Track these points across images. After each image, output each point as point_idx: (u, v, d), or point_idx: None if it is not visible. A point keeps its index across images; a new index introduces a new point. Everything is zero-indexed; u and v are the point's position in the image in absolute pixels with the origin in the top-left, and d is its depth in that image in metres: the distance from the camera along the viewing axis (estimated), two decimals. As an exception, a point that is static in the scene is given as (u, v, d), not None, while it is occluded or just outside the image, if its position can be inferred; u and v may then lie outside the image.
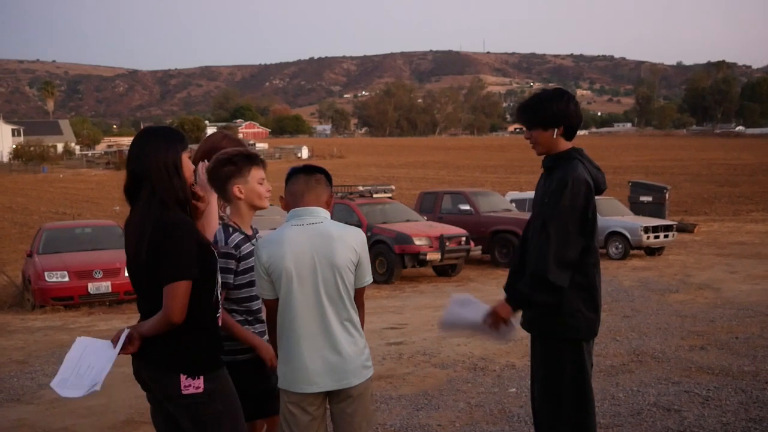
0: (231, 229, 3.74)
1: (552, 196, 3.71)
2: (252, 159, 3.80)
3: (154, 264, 3.06)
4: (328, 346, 3.36)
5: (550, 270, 3.61)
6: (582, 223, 3.69)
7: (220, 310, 3.30)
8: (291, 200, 3.49)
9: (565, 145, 3.84)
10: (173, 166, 3.16)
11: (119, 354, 3.11)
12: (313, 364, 3.35)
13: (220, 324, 3.31)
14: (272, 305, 3.44)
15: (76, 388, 3.07)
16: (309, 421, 3.40)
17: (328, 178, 3.57)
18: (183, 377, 3.08)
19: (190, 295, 3.05)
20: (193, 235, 3.10)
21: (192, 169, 3.35)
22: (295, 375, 3.38)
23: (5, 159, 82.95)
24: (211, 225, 3.70)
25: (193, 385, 3.08)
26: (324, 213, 3.46)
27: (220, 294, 3.33)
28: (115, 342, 3.10)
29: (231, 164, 3.76)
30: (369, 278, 3.50)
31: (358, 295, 3.50)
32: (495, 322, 3.76)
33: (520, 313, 3.86)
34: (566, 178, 3.68)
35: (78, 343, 3.18)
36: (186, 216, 3.15)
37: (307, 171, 3.52)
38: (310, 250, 3.35)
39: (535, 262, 3.68)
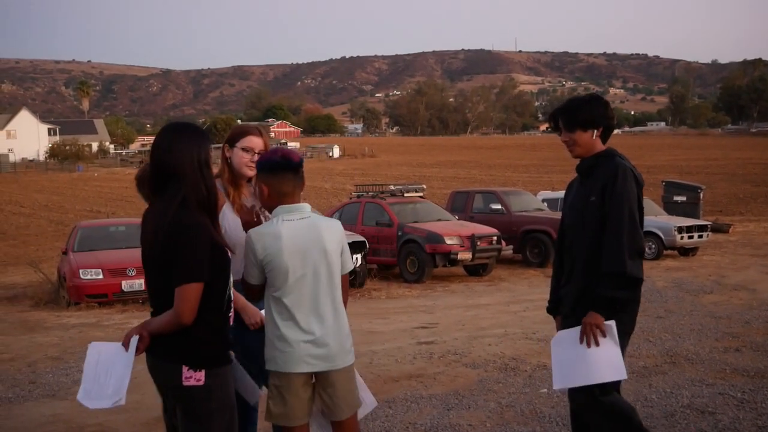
0: None
1: (603, 192, 3.79)
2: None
3: (167, 263, 3.08)
4: (318, 329, 3.56)
5: (626, 264, 3.65)
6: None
7: (232, 309, 3.36)
8: (278, 198, 3.63)
9: (601, 146, 4.03)
10: (205, 163, 3.20)
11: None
12: (300, 346, 3.53)
13: (231, 323, 3.36)
14: (257, 290, 3.64)
15: (100, 398, 3.10)
16: (294, 401, 3.56)
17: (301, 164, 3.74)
18: (185, 368, 3.10)
19: (201, 294, 3.08)
20: (207, 237, 3.10)
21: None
22: (283, 356, 3.54)
23: (42, 158, 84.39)
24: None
25: (194, 377, 3.11)
26: (308, 208, 3.68)
27: (233, 292, 3.42)
28: (126, 346, 3.11)
29: None
30: (350, 265, 3.79)
31: (342, 282, 3.75)
32: (593, 333, 3.71)
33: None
34: (614, 170, 3.80)
35: (91, 349, 3.20)
36: (202, 217, 3.14)
37: (293, 168, 3.65)
38: (304, 242, 3.57)
39: (608, 259, 3.69)
